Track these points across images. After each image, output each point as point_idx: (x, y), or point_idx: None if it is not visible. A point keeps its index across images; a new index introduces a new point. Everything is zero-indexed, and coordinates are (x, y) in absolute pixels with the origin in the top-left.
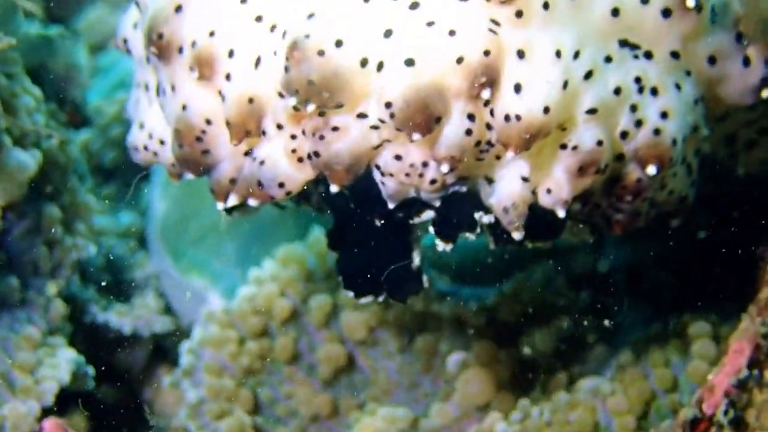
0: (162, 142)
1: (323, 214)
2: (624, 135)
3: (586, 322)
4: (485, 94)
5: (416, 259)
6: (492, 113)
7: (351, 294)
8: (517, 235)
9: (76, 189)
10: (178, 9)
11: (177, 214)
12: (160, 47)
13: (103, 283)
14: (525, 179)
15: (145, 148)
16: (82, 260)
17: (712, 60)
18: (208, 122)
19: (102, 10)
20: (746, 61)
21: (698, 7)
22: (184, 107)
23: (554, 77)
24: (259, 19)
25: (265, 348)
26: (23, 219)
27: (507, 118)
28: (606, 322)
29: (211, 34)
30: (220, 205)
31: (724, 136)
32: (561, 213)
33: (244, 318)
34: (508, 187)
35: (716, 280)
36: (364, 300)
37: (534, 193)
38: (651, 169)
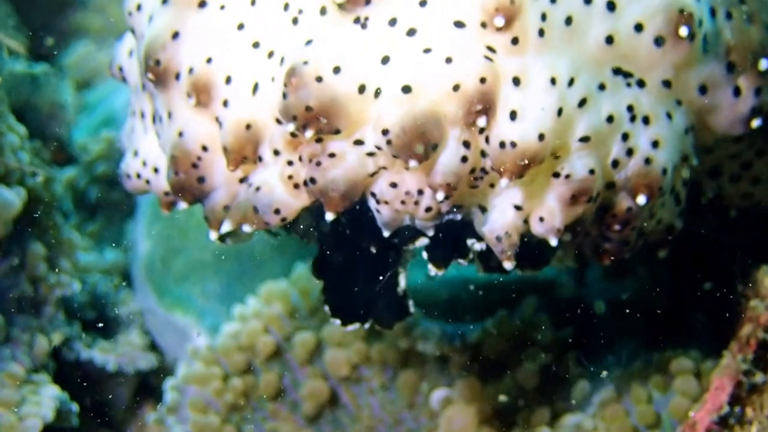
0: (156, 170)
1: (309, 242)
2: (615, 164)
3: (568, 358)
4: (481, 121)
5: (402, 284)
6: (487, 140)
7: (338, 322)
8: (508, 265)
9: (61, 226)
10: (175, 36)
11: (161, 252)
12: (157, 74)
13: (88, 320)
14: (518, 207)
15: (138, 176)
16: (66, 297)
17: (703, 89)
18: (204, 149)
19: (88, 47)
20: (737, 91)
21: (691, 36)
22: (180, 134)
23: (549, 105)
24: (256, 45)
25: (250, 385)
26: (8, 256)
27: (502, 144)
28: (592, 369)
29: (209, 60)
30: (213, 235)
31: (710, 168)
32: (553, 242)
33: (228, 355)
34: (501, 216)
35: (698, 316)
36: (350, 327)
37: (526, 222)
38: (641, 199)
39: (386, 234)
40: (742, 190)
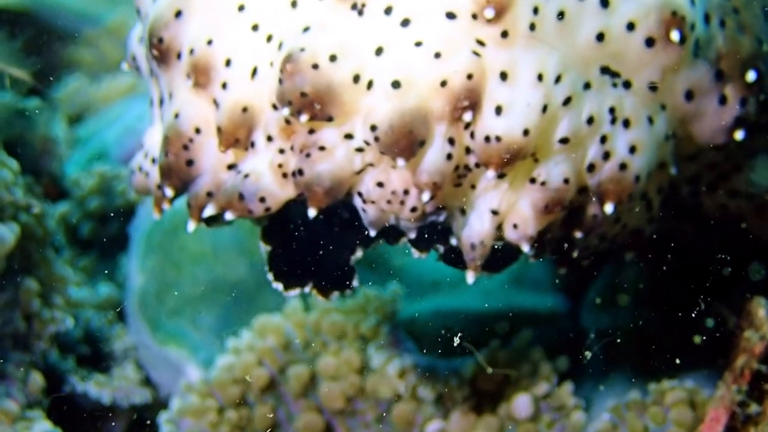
0: (154, 161)
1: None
2: (591, 167)
3: (563, 389)
4: (467, 116)
5: (353, 257)
6: (472, 135)
7: (280, 287)
8: (472, 275)
9: (53, 261)
10: (178, 14)
11: (155, 286)
12: (160, 51)
13: (82, 355)
14: (494, 212)
15: (140, 168)
16: (59, 333)
17: (689, 95)
18: (198, 131)
19: (80, 81)
20: (722, 100)
21: (682, 40)
22: (176, 115)
23: (535, 101)
24: (255, 28)
25: (244, 417)
26: (1, 292)
27: (487, 139)
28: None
29: (209, 42)
30: (192, 225)
31: (689, 175)
32: (525, 248)
33: (222, 387)
34: (478, 223)
35: (693, 347)
36: (291, 293)
37: (500, 228)
38: (608, 207)
39: (372, 233)
40: (719, 201)
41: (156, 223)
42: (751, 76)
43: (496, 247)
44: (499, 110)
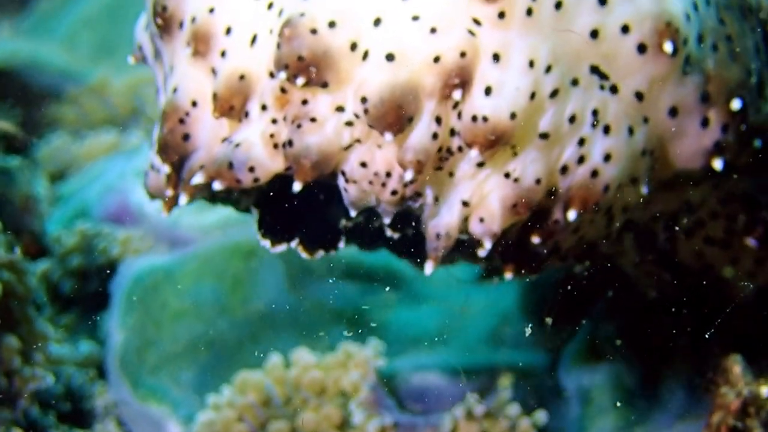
0: None
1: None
2: (564, 169)
3: None
4: (456, 94)
5: (341, 222)
6: (459, 115)
7: (267, 244)
8: (430, 265)
9: (34, 319)
10: None
11: (135, 343)
12: (164, 19)
13: (63, 412)
14: (465, 204)
15: (152, 166)
16: (40, 390)
17: (673, 111)
18: (194, 104)
19: (63, 139)
20: (705, 123)
21: (674, 52)
22: (175, 89)
23: (524, 86)
24: None
25: None
26: None
27: (474, 118)
28: None
29: (211, 10)
30: (184, 199)
31: (666, 218)
32: (488, 244)
33: None
34: (448, 214)
35: (670, 402)
36: (278, 248)
37: (465, 221)
38: (571, 213)
39: (353, 213)
40: (695, 248)
41: (136, 281)
42: (735, 104)
43: (461, 239)
44: (488, 91)
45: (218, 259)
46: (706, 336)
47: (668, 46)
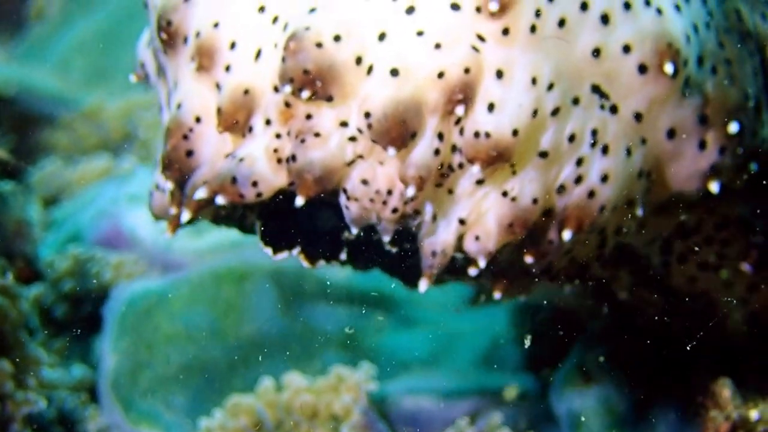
0: None
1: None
2: (561, 189)
3: None
4: (459, 110)
5: (344, 234)
6: (461, 131)
7: (269, 251)
8: (425, 283)
9: (27, 343)
10: None
11: (127, 367)
12: (169, 33)
13: None
14: (462, 222)
15: (157, 187)
16: (33, 414)
17: (671, 133)
18: (198, 120)
19: (56, 165)
20: (702, 145)
21: (675, 73)
22: (179, 106)
23: (526, 103)
24: (262, 9)
25: None
26: None
27: (477, 134)
28: None
29: (216, 25)
30: (187, 215)
31: (660, 243)
32: (482, 263)
33: None
34: (445, 232)
35: (661, 426)
36: (280, 255)
37: (460, 239)
38: (567, 234)
39: (354, 231)
40: (688, 273)
41: (129, 305)
42: (733, 127)
43: (456, 257)
44: (491, 107)
45: (211, 283)
46: (696, 359)
47: (669, 68)
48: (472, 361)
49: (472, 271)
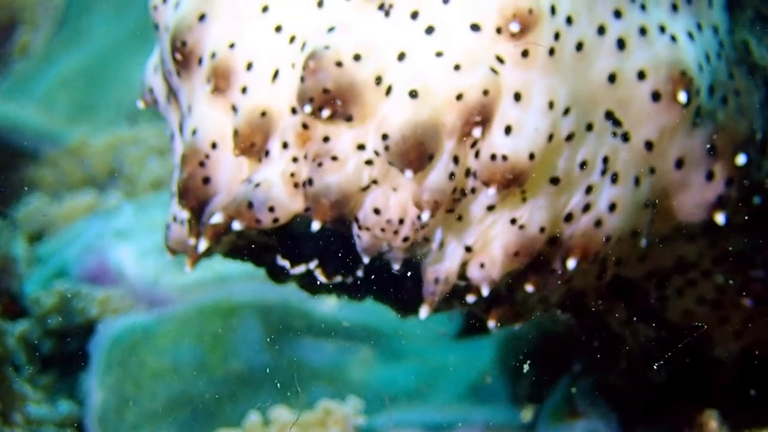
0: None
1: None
2: (569, 217)
3: None
4: (476, 132)
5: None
6: (477, 155)
7: (287, 264)
8: (425, 310)
9: (13, 380)
10: (202, 18)
11: (114, 402)
12: (184, 54)
13: None
14: (468, 249)
15: (175, 218)
16: None
17: (679, 163)
18: (214, 146)
19: (41, 201)
20: (710, 175)
21: (687, 101)
22: (194, 132)
23: (543, 127)
24: (279, 29)
25: None
26: None
27: (493, 157)
28: None
29: (231, 45)
30: (204, 244)
31: (659, 276)
32: (485, 291)
33: None
34: (450, 259)
35: None
36: (297, 269)
37: (464, 266)
38: (571, 263)
39: (365, 260)
40: (685, 306)
41: (115, 341)
42: (741, 159)
43: (459, 285)
44: (508, 130)
45: (197, 318)
46: (684, 392)
47: (682, 96)
48: (459, 394)
49: (470, 299)
